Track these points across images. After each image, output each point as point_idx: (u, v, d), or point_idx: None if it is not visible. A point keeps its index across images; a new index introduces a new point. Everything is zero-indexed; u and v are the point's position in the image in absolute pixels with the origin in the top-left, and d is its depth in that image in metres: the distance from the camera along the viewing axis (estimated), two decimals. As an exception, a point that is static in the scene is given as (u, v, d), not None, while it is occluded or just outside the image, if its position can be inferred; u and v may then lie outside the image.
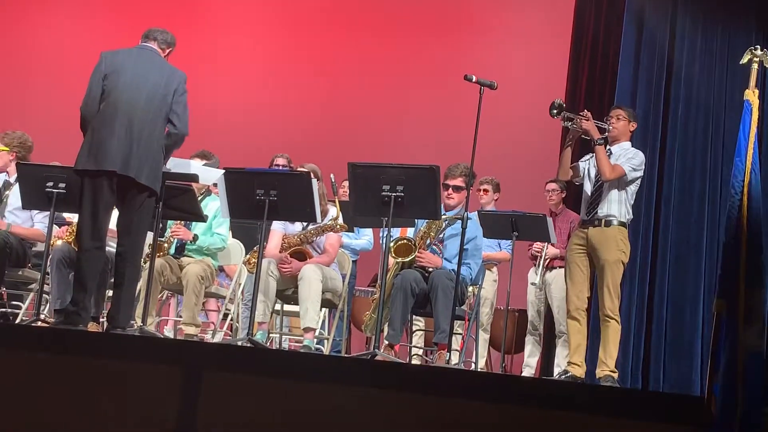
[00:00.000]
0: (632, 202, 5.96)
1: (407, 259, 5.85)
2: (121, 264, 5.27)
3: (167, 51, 5.58)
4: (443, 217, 5.81)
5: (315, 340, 6.04)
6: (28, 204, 6.01)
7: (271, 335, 6.45)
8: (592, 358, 6.08)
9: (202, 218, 5.97)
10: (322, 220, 6.04)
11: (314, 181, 5.42)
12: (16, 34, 10.40)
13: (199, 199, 6.15)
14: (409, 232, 6.14)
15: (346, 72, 9.95)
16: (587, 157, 6.10)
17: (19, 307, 6.78)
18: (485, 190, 7.53)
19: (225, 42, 10.30)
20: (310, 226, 6.13)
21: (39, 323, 5.64)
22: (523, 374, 7.30)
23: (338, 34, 10.06)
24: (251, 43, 10.27)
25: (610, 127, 6.01)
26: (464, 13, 9.85)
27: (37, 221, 6.40)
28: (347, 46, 10.00)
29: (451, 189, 6.03)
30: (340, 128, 9.66)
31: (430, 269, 5.84)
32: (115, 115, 5.18)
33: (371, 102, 9.76)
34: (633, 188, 5.94)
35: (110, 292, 5.79)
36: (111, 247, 6.50)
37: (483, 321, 7.15)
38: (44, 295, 6.31)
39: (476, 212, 6.53)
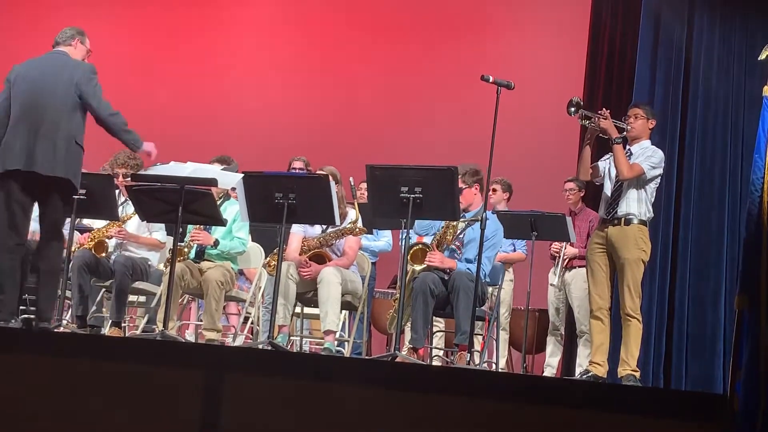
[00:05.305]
0: (652, 200, 5.92)
1: (423, 266, 5.86)
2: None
3: (75, 41, 5.57)
4: (462, 220, 5.82)
5: (335, 342, 6.05)
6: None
7: (291, 338, 6.47)
8: (613, 357, 6.07)
9: (221, 222, 5.99)
10: (342, 223, 6.05)
11: (332, 184, 5.43)
12: (37, 34, 10.46)
13: (218, 203, 6.18)
14: (427, 238, 6.13)
15: (364, 74, 9.96)
16: (607, 156, 6.07)
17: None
18: (493, 190, 7.40)
19: (244, 46, 10.34)
20: (330, 229, 6.14)
21: (61, 329, 5.68)
22: (544, 374, 7.28)
23: (355, 36, 10.07)
24: (269, 46, 10.31)
25: (629, 127, 5.98)
26: (481, 13, 9.84)
27: (60, 228, 6.43)
28: (364, 48, 10.02)
29: None
30: (358, 130, 9.68)
31: (448, 271, 5.84)
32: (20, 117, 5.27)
33: (389, 104, 9.77)
34: (653, 186, 5.91)
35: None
36: (133, 252, 6.57)
37: (501, 321, 7.14)
38: (66, 300, 6.36)
39: (493, 212, 6.52)
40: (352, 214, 6.18)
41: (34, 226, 5.46)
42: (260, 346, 5.61)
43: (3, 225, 5.24)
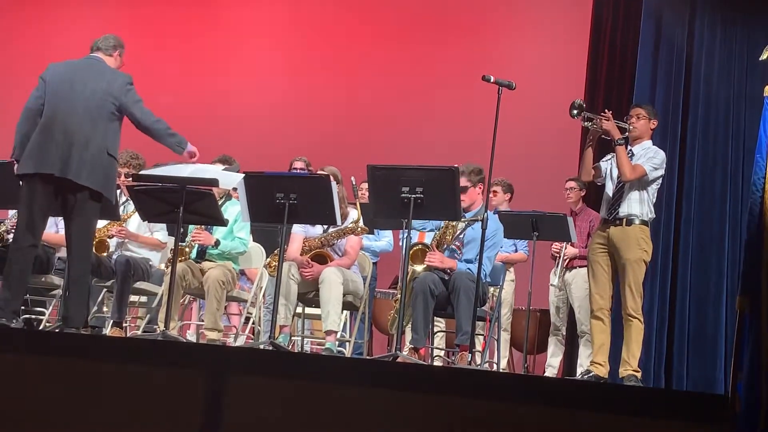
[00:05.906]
0: (654, 201, 5.92)
1: (423, 267, 5.86)
2: None
3: (116, 53, 5.61)
4: (462, 220, 5.81)
5: (337, 342, 6.05)
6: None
7: (293, 338, 6.47)
8: (614, 357, 6.07)
9: (222, 222, 5.99)
10: (343, 223, 6.05)
11: (334, 184, 5.43)
12: (37, 33, 10.47)
13: (219, 203, 6.18)
14: (427, 236, 6.13)
15: (365, 74, 9.96)
16: (608, 157, 6.07)
17: (43, 313, 6.84)
18: (494, 191, 7.39)
19: (245, 46, 10.34)
20: (331, 229, 6.14)
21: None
22: (545, 374, 7.28)
23: (356, 36, 10.07)
24: (270, 46, 10.31)
25: (631, 127, 5.97)
26: (482, 14, 9.84)
27: (62, 228, 6.44)
28: (365, 48, 10.01)
29: None
30: (360, 130, 9.67)
31: (448, 271, 5.84)
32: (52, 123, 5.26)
33: (390, 104, 9.76)
34: (654, 187, 5.90)
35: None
36: (134, 252, 6.57)
37: (502, 321, 7.13)
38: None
39: (495, 211, 6.52)
40: (354, 213, 6.17)
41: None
42: (261, 347, 5.61)
43: (21, 225, 5.24)
